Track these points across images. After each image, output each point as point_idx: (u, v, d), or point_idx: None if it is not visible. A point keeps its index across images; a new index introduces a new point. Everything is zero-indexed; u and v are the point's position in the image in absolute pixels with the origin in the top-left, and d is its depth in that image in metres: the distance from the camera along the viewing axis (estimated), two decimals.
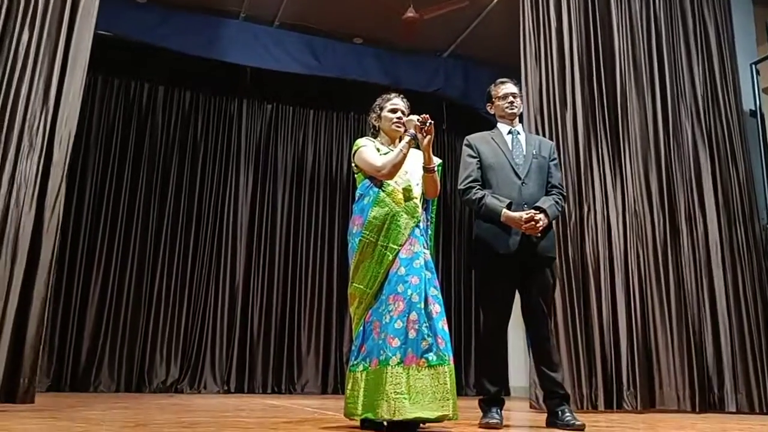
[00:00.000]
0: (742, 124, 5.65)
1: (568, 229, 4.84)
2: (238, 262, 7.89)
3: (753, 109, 5.79)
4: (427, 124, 2.96)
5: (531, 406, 4.44)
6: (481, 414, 3.18)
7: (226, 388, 7.46)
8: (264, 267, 7.99)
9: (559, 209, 3.29)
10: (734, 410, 4.85)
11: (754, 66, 5.88)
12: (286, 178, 8.36)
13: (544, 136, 4.84)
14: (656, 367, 4.81)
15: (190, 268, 7.68)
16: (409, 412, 2.64)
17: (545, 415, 3.20)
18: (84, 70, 4.16)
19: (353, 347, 3.00)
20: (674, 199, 5.30)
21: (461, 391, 7.05)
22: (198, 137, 8.08)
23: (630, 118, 5.33)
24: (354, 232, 3.04)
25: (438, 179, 3.12)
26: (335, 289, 8.22)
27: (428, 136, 2.98)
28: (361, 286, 2.97)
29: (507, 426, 3.05)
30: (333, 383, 7.91)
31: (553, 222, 3.31)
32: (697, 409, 4.76)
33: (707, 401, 4.87)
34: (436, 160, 3.15)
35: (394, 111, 3.16)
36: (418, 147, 3.08)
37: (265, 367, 7.71)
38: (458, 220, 9.03)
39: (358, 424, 2.89)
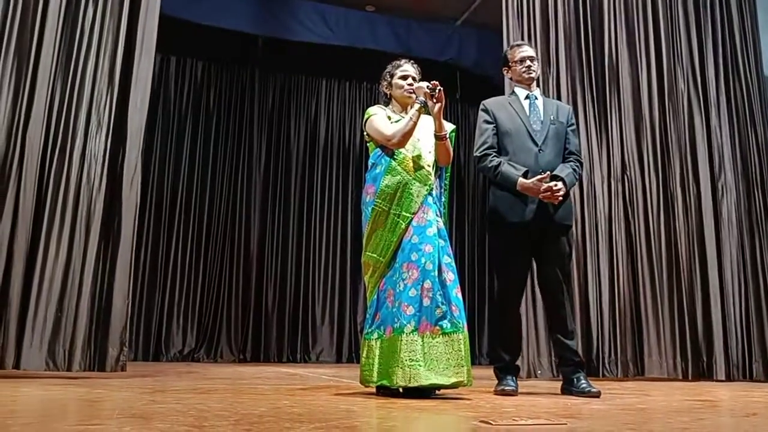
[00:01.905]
0: (762, 88, 5.53)
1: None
2: (253, 231, 7.94)
3: None
4: (437, 91, 2.93)
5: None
6: (496, 381, 3.18)
7: (242, 357, 7.56)
8: (278, 237, 8.04)
9: (577, 177, 3.24)
10: (723, 378, 4.81)
11: None
12: (299, 148, 8.36)
13: None
14: (645, 335, 4.78)
15: (205, 239, 7.73)
16: (424, 378, 2.67)
17: (560, 382, 3.20)
18: (153, 49, 4.18)
19: (367, 315, 3.02)
20: (669, 165, 5.18)
21: (474, 359, 7.08)
22: (210, 108, 8.07)
23: (621, 81, 5.21)
24: (367, 201, 3.04)
25: (450, 146, 3.09)
26: (349, 258, 8.25)
27: (438, 104, 2.95)
28: (375, 255, 2.98)
29: (523, 393, 3.05)
30: (347, 352, 7.99)
31: (571, 190, 3.26)
32: (688, 377, 4.74)
33: (697, 369, 4.83)
34: (449, 127, 3.12)
35: (404, 78, 3.13)
36: (429, 113, 3.05)
37: (280, 336, 7.79)
38: (471, 188, 8.98)
39: (373, 390, 2.91)
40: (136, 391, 2.88)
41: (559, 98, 4.91)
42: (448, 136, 3.05)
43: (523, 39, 4.96)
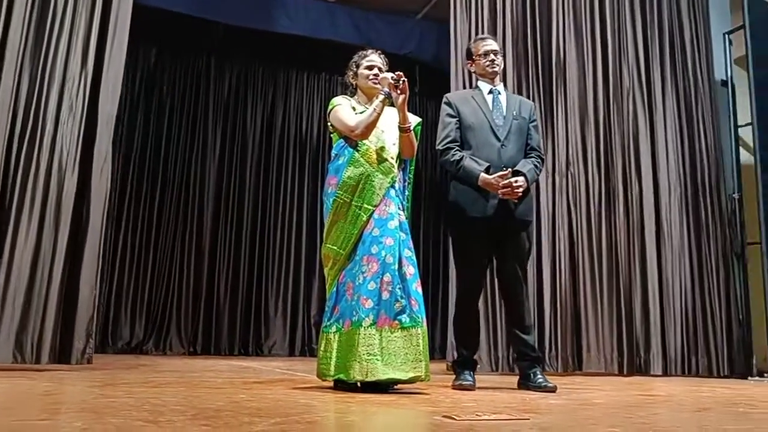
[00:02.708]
0: (713, 93, 5.66)
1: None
2: (206, 221, 7.75)
3: (724, 78, 5.82)
4: (401, 82, 2.91)
5: (447, 368, 4.45)
6: (454, 376, 3.18)
7: (192, 349, 7.39)
8: (232, 228, 7.88)
9: (538, 172, 3.26)
10: (660, 373, 4.92)
11: (726, 36, 5.90)
12: (255, 138, 8.20)
13: (469, 88, 4.75)
14: (585, 330, 4.82)
15: (155, 228, 7.53)
16: (382, 373, 2.65)
17: (517, 377, 3.22)
18: (126, 32, 4.06)
19: (326, 308, 2.98)
20: (612, 162, 5.23)
21: (431, 354, 7.09)
22: (164, 94, 7.85)
23: (568, 77, 5.22)
24: (328, 192, 3.00)
25: (414, 139, 3.07)
26: (304, 251, 8.16)
27: (402, 95, 2.93)
28: (335, 247, 2.95)
29: (480, 388, 3.06)
30: (300, 346, 7.90)
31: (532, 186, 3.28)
32: (625, 372, 4.81)
33: (633, 364, 4.91)
34: (414, 119, 3.10)
35: (370, 68, 3.09)
36: (394, 105, 3.02)
37: (231, 328, 7.64)
38: (429, 182, 8.98)
39: (331, 384, 2.87)
40: (85, 384, 2.78)
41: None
42: (412, 128, 3.03)
43: (470, 32, 4.95)
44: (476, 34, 4.92)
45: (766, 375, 5.11)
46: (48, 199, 3.68)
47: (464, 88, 4.77)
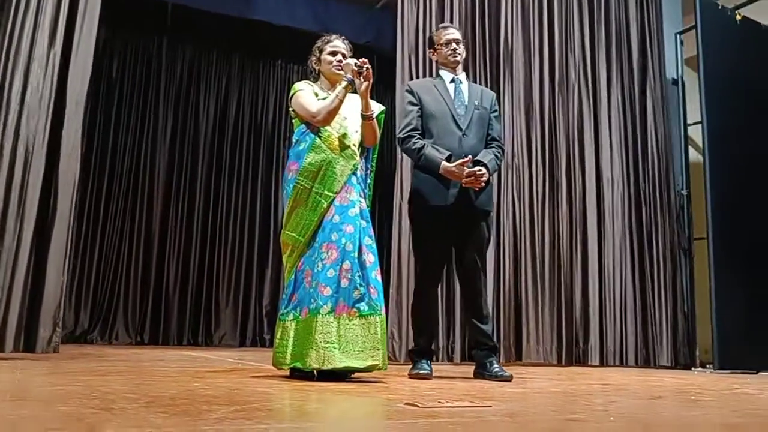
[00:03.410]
0: (664, 92, 5.79)
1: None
2: (155, 209, 7.55)
3: (675, 77, 5.96)
4: (365, 69, 2.88)
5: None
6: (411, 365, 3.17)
7: (139, 339, 7.20)
8: (182, 215, 7.69)
9: (499, 163, 3.27)
10: (597, 363, 5.02)
11: (678, 36, 6.04)
12: (208, 125, 8.02)
13: (417, 76, 4.73)
14: (525, 321, 4.86)
15: (103, 213, 7.29)
16: (339, 361, 2.62)
17: (473, 367, 3.23)
18: (97, 10, 3.92)
19: (284, 296, 2.93)
20: (556, 154, 5.23)
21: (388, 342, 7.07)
22: (113, 77, 7.60)
23: (515, 67, 5.21)
24: (288, 178, 2.95)
25: (377, 127, 3.04)
26: (257, 241, 8.04)
27: (366, 82, 2.90)
28: (294, 234, 2.90)
29: (437, 377, 3.06)
30: (252, 336, 7.79)
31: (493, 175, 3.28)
32: (563, 362, 4.89)
33: (572, 355, 4.99)
34: (377, 107, 3.07)
35: (333, 54, 3.05)
36: (357, 92, 2.98)
37: (181, 318, 7.48)
38: (386, 171, 8.94)
39: (287, 374, 2.82)
40: (28, 373, 2.66)
41: None
42: (375, 116, 3.00)
43: (417, 20, 4.91)
44: (424, 22, 4.89)
45: (708, 366, 5.27)
46: (12, 184, 3.53)
47: (410, 75, 4.74)
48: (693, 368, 5.26)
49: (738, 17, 5.36)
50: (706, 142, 5.03)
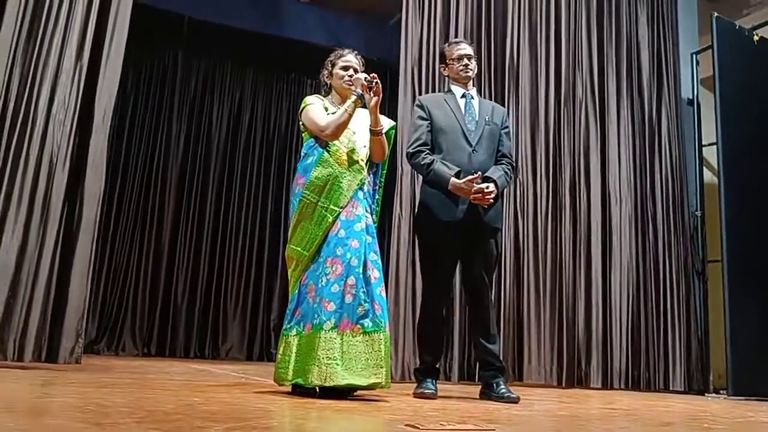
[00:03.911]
0: (679, 112, 5.73)
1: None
2: (166, 220, 7.57)
3: (690, 98, 5.90)
4: (374, 84, 2.85)
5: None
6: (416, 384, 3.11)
7: (146, 350, 7.19)
8: (193, 227, 7.70)
9: (509, 179, 3.22)
10: (599, 386, 4.90)
11: (694, 56, 5.98)
12: (221, 136, 8.06)
13: (420, 91, 4.67)
14: (527, 341, 4.76)
15: (113, 224, 7.32)
16: (341, 378, 2.57)
17: (479, 387, 3.17)
18: (126, 23, 3.95)
19: (288, 310, 2.88)
20: (560, 171, 5.16)
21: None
22: (128, 89, 7.65)
23: (521, 83, 5.15)
24: (296, 191, 2.93)
25: (386, 143, 3.01)
26: (266, 254, 8.03)
27: (375, 98, 2.87)
28: (299, 248, 2.86)
29: (441, 397, 2.99)
30: (258, 350, 7.76)
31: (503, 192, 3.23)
32: (563, 384, 4.78)
33: (573, 377, 4.88)
34: (387, 123, 3.04)
35: (345, 68, 3.03)
36: (366, 106, 2.96)
37: (188, 330, 7.47)
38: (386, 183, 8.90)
39: (288, 389, 2.77)
40: (26, 382, 2.63)
41: None
42: (385, 132, 2.97)
43: (421, 33, 4.87)
44: (428, 35, 4.86)
45: (721, 392, 5.15)
46: (36, 195, 3.54)
47: (412, 88, 4.70)
48: (706, 393, 5.15)
49: (756, 38, 5.30)
50: (721, 163, 4.96)
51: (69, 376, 3.07)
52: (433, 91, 4.72)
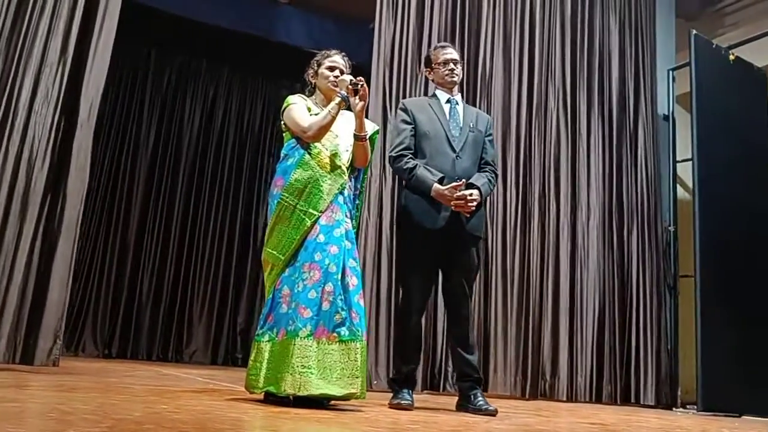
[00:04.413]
0: (655, 127, 5.77)
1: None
2: (132, 218, 7.36)
3: (666, 113, 5.95)
4: (360, 86, 2.78)
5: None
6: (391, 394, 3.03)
7: (107, 352, 6.98)
8: (160, 227, 7.51)
9: (492, 187, 3.18)
10: (565, 399, 4.87)
11: (671, 72, 6.04)
12: (192, 135, 7.88)
13: (390, 93, 4.63)
14: (493, 352, 4.71)
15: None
16: (315, 387, 2.49)
17: (456, 398, 3.10)
18: (116, 15, 3.80)
19: (261, 315, 2.78)
20: (530, 181, 5.12)
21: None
22: None
23: (493, 90, 5.11)
24: (273, 193, 2.84)
25: (369, 148, 2.94)
26: (234, 256, 7.88)
27: (361, 102, 2.80)
28: (275, 252, 2.77)
29: (418, 408, 2.92)
30: (224, 354, 7.60)
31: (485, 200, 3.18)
32: (527, 396, 4.74)
33: (538, 388, 4.84)
34: (371, 127, 2.97)
35: (332, 68, 2.95)
36: (351, 109, 2.89)
37: (151, 332, 7.27)
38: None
39: (260, 397, 2.67)
40: None
41: None
42: (369, 137, 2.89)
43: (394, 36, 4.80)
44: (401, 38, 4.79)
45: (688, 407, 5.18)
46: (14, 191, 3.38)
47: (383, 90, 4.63)
48: (674, 408, 5.17)
49: (732, 57, 5.36)
50: (696, 179, 5.00)
51: (27, 378, 2.92)
52: (405, 94, 4.66)
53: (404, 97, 4.62)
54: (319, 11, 7.36)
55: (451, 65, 3.23)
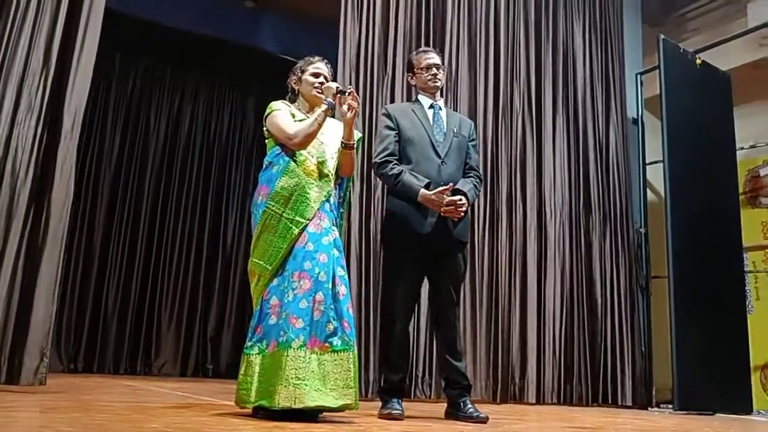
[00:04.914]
0: (625, 130, 5.86)
1: (372, 205, 4.45)
2: (97, 226, 7.13)
3: (635, 117, 6.04)
4: (347, 94, 2.75)
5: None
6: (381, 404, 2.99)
7: (72, 366, 6.76)
8: (126, 236, 7.30)
9: (477, 192, 3.17)
10: (534, 401, 4.87)
11: (639, 76, 6.14)
12: (158, 143, 7.70)
13: (357, 93, 4.61)
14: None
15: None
16: (310, 399, 2.43)
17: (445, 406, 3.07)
18: (99, 24, 3.67)
19: (249, 328, 2.71)
20: (497, 183, 5.12)
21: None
22: None
23: (459, 90, 5.09)
24: (258, 202, 2.77)
25: (355, 157, 2.90)
26: (203, 264, 7.73)
27: (352, 111, 2.76)
28: (261, 262, 2.71)
29: (409, 417, 2.88)
30: (194, 365, 7.44)
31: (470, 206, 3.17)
32: (497, 400, 4.73)
33: (508, 392, 4.83)
34: (355, 134, 2.93)
35: (316, 75, 2.91)
36: (335, 116, 2.84)
37: (118, 344, 7.06)
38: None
39: (250, 412, 2.59)
40: None
41: (393, 101, 4.63)
42: (355, 146, 2.86)
43: (359, 38, 4.75)
44: (366, 39, 4.75)
45: (663, 406, 5.26)
46: None
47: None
48: (650, 408, 5.23)
49: (698, 62, 5.48)
50: (667, 180, 5.08)
51: (8, 398, 2.79)
52: (371, 96, 4.62)
53: (371, 99, 4.60)
54: (286, 15, 7.27)
55: (434, 70, 3.21)
